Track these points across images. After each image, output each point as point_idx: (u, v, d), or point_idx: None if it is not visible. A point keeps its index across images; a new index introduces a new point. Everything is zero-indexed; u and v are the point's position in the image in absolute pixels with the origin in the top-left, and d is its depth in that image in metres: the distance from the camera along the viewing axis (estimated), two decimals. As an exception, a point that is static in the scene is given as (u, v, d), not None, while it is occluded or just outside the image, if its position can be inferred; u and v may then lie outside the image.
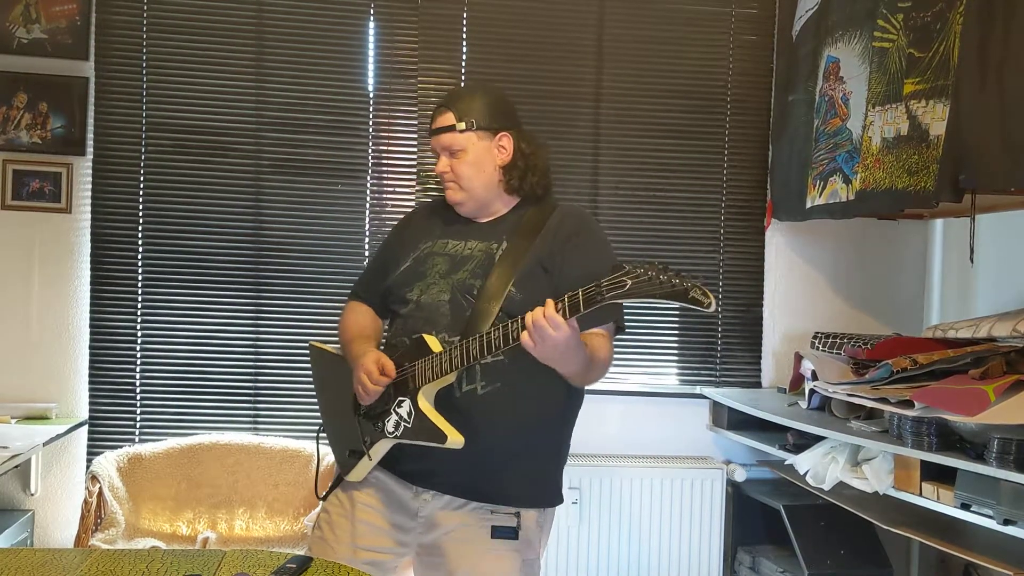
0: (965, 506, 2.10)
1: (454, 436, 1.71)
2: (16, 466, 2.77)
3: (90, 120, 3.19)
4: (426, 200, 3.28)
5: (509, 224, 1.92)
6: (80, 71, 3.17)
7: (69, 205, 3.16)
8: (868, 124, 2.61)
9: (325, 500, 1.99)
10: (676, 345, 3.49)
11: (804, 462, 2.70)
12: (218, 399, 3.28)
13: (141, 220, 3.24)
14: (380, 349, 1.95)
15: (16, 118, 3.12)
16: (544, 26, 3.38)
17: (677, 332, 3.49)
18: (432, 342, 1.77)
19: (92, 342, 3.21)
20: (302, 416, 3.28)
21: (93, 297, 3.21)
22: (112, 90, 3.22)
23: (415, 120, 3.34)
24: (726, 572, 3.26)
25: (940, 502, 2.19)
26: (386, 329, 2.04)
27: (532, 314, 1.57)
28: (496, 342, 1.65)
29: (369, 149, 3.34)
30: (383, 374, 1.79)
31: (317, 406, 2.19)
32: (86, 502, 2.88)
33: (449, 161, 1.92)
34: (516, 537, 1.83)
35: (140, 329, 3.25)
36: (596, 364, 1.76)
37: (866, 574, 2.88)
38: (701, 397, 3.38)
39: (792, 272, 3.46)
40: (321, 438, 2.08)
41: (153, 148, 3.24)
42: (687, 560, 3.22)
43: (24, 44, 3.12)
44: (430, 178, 3.33)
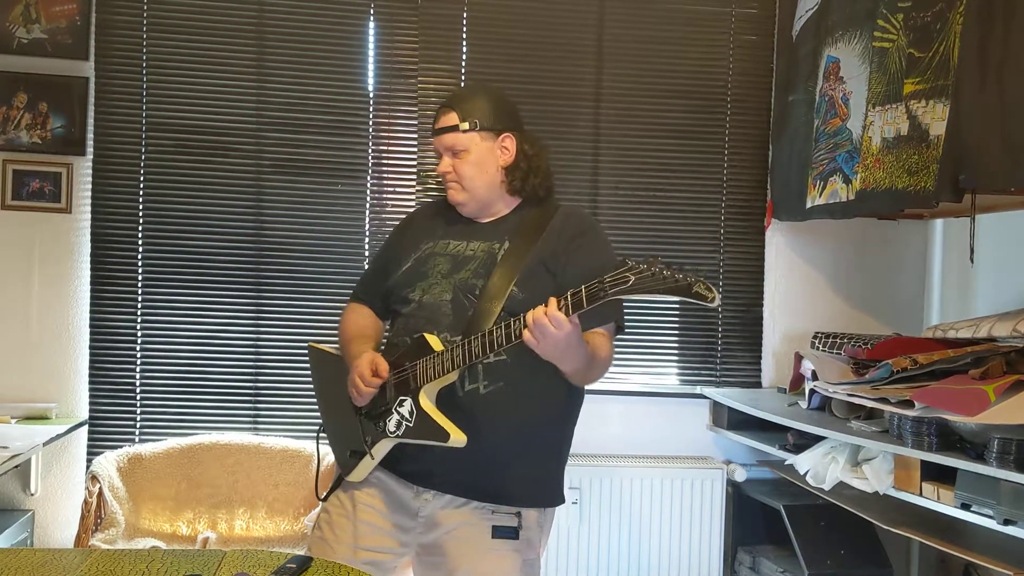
0: (965, 506, 2.10)
1: (456, 434, 1.70)
2: (16, 466, 2.77)
3: (90, 120, 3.19)
4: (427, 200, 3.28)
5: (511, 224, 1.92)
6: (80, 71, 3.17)
7: (69, 205, 3.16)
8: (868, 124, 2.61)
9: (325, 501, 1.99)
10: (676, 345, 3.49)
11: (804, 462, 2.70)
12: (218, 399, 3.28)
13: (141, 220, 3.24)
14: (381, 349, 1.95)
15: (16, 118, 3.12)
16: (544, 26, 3.38)
17: (677, 332, 3.49)
18: (433, 341, 1.77)
19: (92, 342, 3.21)
20: (302, 416, 3.28)
21: (93, 297, 3.21)
22: (112, 90, 3.22)
23: (415, 120, 3.34)
24: (726, 572, 3.26)
25: (940, 502, 2.19)
26: (387, 329, 2.04)
27: (534, 312, 1.58)
28: (498, 340, 1.65)
29: (369, 149, 3.34)
30: (376, 375, 1.80)
31: (317, 407, 2.19)
32: (86, 502, 2.88)
33: (452, 161, 1.91)
34: (517, 537, 1.82)
35: (140, 329, 3.25)
36: (597, 363, 1.77)
37: (866, 574, 2.88)
38: (701, 397, 3.38)
39: (792, 272, 3.46)
40: (321, 438, 2.07)
41: (153, 148, 3.24)
42: (687, 560, 3.23)
43: (24, 44, 3.12)
44: (430, 178, 3.33)
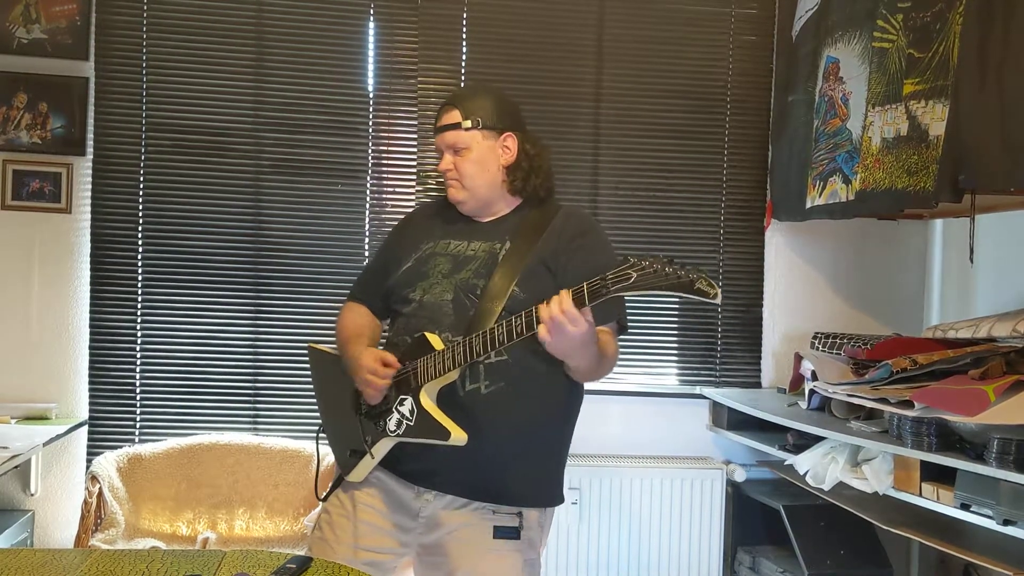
0: (965, 506, 2.10)
1: (457, 433, 1.70)
2: (16, 466, 2.78)
3: (90, 120, 3.19)
4: (425, 200, 3.28)
5: (511, 224, 1.92)
6: (80, 71, 3.17)
7: (69, 205, 3.16)
8: (868, 124, 2.61)
9: (325, 501, 1.99)
10: (676, 345, 3.49)
11: (804, 462, 2.70)
12: (218, 399, 3.28)
13: (141, 220, 3.24)
14: (382, 348, 1.94)
15: (16, 118, 3.12)
16: (544, 26, 3.38)
17: (677, 332, 3.49)
18: (434, 340, 1.77)
19: (92, 342, 3.21)
20: (302, 416, 3.28)
21: (93, 297, 3.21)
22: (112, 90, 3.22)
23: (415, 120, 3.34)
24: (726, 572, 3.26)
25: (940, 502, 2.19)
26: (386, 329, 2.03)
27: (549, 308, 1.55)
28: (500, 338, 1.65)
29: (369, 149, 3.34)
30: (386, 365, 1.79)
31: (317, 407, 2.19)
32: (86, 502, 2.88)
33: (453, 159, 1.91)
34: (518, 537, 1.82)
35: (140, 329, 3.25)
36: (605, 359, 1.77)
37: (866, 574, 2.88)
38: (701, 397, 3.38)
39: (792, 272, 3.46)
40: (321, 439, 2.07)
41: (153, 148, 3.24)
42: (687, 560, 3.23)
43: (24, 44, 3.12)
44: (430, 178, 3.33)
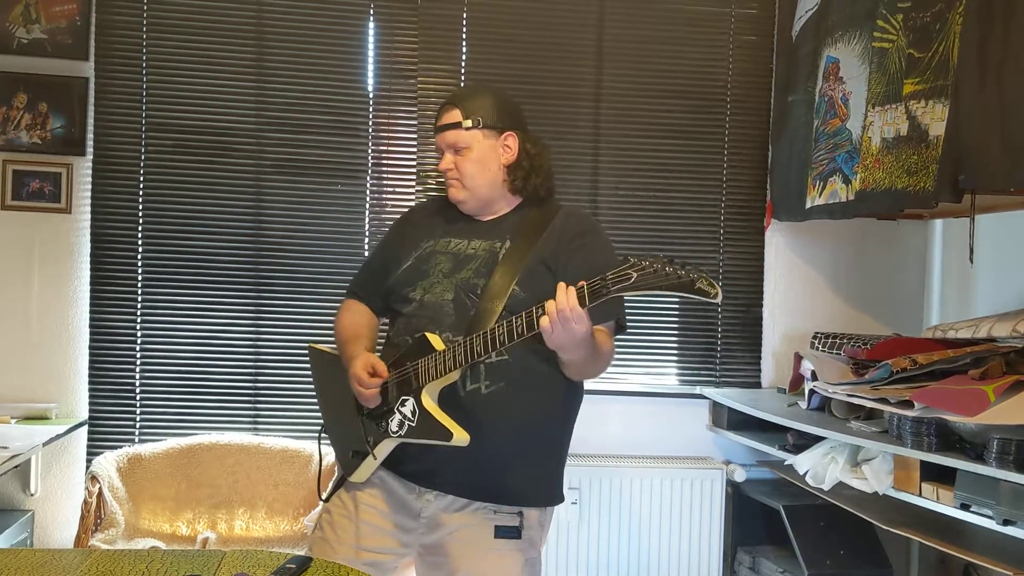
0: (965, 506, 2.10)
1: (459, 434, 1.70)
2: (16, 466, 2.78)
3: (90, 120, 3.19)
4: (423, 200, 3.28)
5: (512, 223, 1.92)
6: (80, 71, 3.17)
7: (69, 205, 3.16)
8: (868, 124, 2.61)
9: (327, 501, 1.99)
10: (676, 345, 3.49)
11: (804, 462, 2.70)
12: (218, 399, 3.28)
13: (141, 220, 3.24)
14: (381, 348, 1.94)
15: (16, 118, 3.12)
16: (544, 26, 3.38)
17: (677, 332, 3.49)
18: (435, 340, 1.76)
19: (92, 342, 3.21)
20: (302, 416, 3.28)
21: (93, 297, 3.21)
22: (112, 90, 3.21)
23: (415, 120, 3.34)
24: (726, 572, 3.26)
25: (940, 502, 2.19)
26: (385, 325, 2.03)
27: (556, 303, 1.56)
28: (500, 338, 1.65)
29: (369, 149, 3.34)
30: (374, 375, 1.80)
31: (317, 406, 2.19)
32: (86, 502, 2.88)
33: (453, 158, 1.91)
34: (519, 536, 1.83)
35: (140, 329, 3.25)
36: (599, 356, 1.76)
37: (866, 574, 2.88)
38: (701, 397, 3.38)
39: (792, 272, 3.46)
40: (323, 439, 2.07)
41: (153, 148, 3.24)
42: (687, 560, 3.23)
43: (24, 44, 3.12)
44: (430, 178, 3.33)
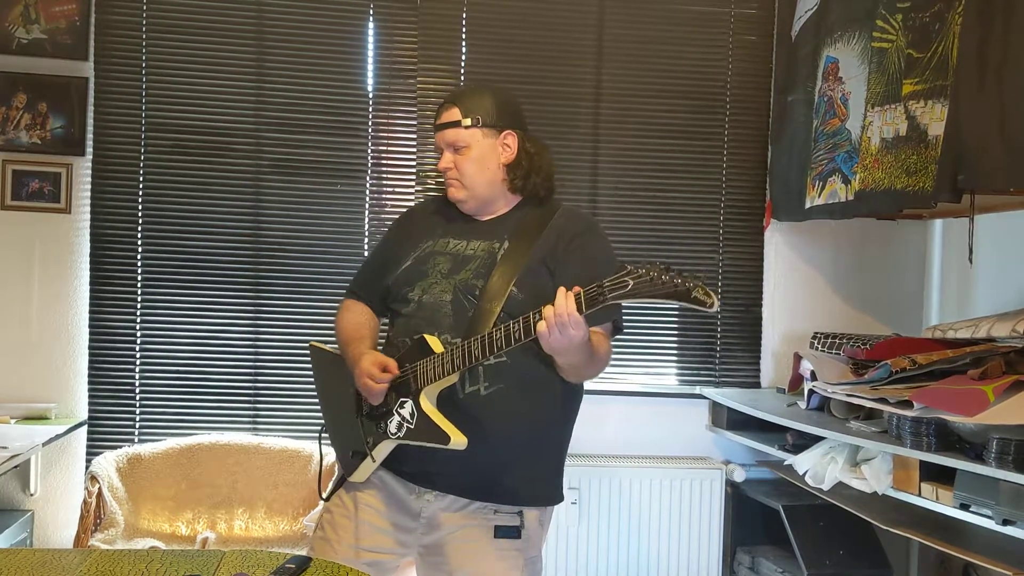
0: (964, 506, 2.11)
1: (457, 437, 1.70)
2: (16, 466, 2.77)
3: (90, 120, 3.19)
4: (422, 199, 3.27)
5: (511, 223, 1.92)
6: (80, 71, 3.17)
7: (69, 205, 3.16)
8: (867, 124, 2.61)
9: (328, 500, 1.99)
10: (675, 345, 3.49)
11: (803, 462, 2.71)
12: (218, 399, 3.28)
13: (140, 220, 3.24)
14: (381, 349, 1.94)
15: (16, 118, 3.12)
16: (544, 26, 3.38)
17: (676, 332, 3.49)
18: (433, 343, 1.76)
19: (92, 342, 3.21)
20: (302, 416, 3.28)
21: (93, 297, 3.21)
22: (112, 90, 3.22)
23: (414, 120, 3.34)
24: (725, 572, 3.26)
25: (939, 502, 2.19)
26: (386, 325, 2.03)
27: (555, 308, 1.55)
28: (498, 343, 1.65)
29: (368, 149, 3.34)
30: (385, 371, 1.79)
31: (317, 406, 2.19)
32: (85, 502, 2.88)
33: (453, 157, 1.91)
34: (519, 536, 1.83)
35: (139, 329, 3.25)
36: (596, 359, 1.76)
37: (865, 574, 2.88)
38: (700, 397, 3.38)
39: (791, 272, 3.46)
40: (323, 439, 2.07)
41: (153, 148, 3.24)
42: (686, 560, 3.23)
43: (24, 44, 3.12)
44: (429, 178, 3.33)
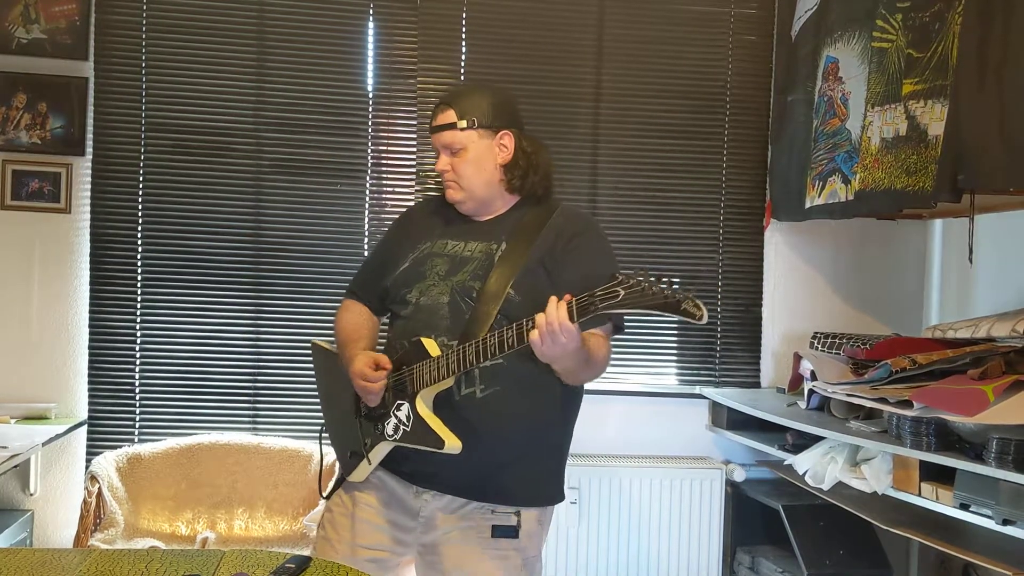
0: (964, 506, 2.11)
1: (452, 441, 1.70)
2: (15, 466, 2.78)
3: (90, 120, 3.19)
4: (421, 199, 3.27)
5: (509, 224, 1.91)
6: (80, 71, 3.17)
7: (68, 205, 3.16)
8: (867, 124, 2.61)
9: (328, 499, 1.99)
10: (675, 345, 3.49)
11: (803, 462, 2.71)
12: (218, 399, 3.28)
13: (141, 220, 3.24)
14: (381, 350, 1.94)
15: (16, 118, 3.12)
16: (544, 26, 3.38)
17: (676, 332, 3.48)
18: (430, 346, 1.76)
19: (92, 342, 3.21)
20: (302, 416, 3.28)
21: (92, 297, 3.21)
22: (112, 90, 3.22)
23: (414, 120, 3.34)
24: (725, 572, 3.26)
25: (939, 502, 2.19)
26: (385, 325, 2.03)
27: (547, 316, 1.55)
28: (492, 348, 1.64)
29: (368, 149, 3.34)
30: (379, 368, 1.79)
31: (317, 406, 2.19)
32: (85, 502, 2.88)
33: (450, 159, 1.90)
34: (517, 536, 1.83)
35: (139, 329, 3.25)
36: (593, 363, 1.75)
37: (865, 574, 2.88)
38: (700, 397, 3.38)
39: (791, 272, 3.46)
40: (323, 438, 2.07)
41: (153, 148, 3.24)
42: (686, 560, 3.23)
43: (24, 44, 3.12)
44: (429, 178, 3.34)
